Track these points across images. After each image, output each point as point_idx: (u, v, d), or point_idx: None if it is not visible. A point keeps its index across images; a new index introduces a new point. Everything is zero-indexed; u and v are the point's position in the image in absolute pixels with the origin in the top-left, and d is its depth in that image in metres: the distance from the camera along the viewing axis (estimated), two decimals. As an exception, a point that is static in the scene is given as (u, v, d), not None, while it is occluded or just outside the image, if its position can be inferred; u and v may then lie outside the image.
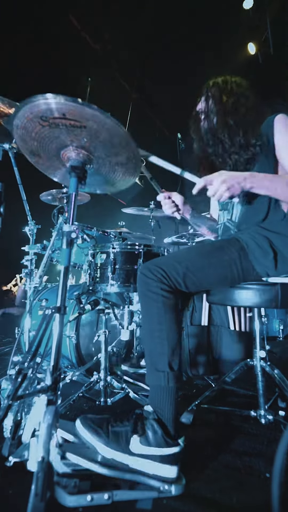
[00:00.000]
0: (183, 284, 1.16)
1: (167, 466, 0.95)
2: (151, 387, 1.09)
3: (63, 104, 0.91)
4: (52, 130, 1.01)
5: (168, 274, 1.14)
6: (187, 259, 1.19)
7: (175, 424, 1.04)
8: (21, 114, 0.96)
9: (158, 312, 1.11)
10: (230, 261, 1.20)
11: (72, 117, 0.95)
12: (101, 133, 1.01)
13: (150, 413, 1.03)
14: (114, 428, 1.02)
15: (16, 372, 0.96)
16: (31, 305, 1.92)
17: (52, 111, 0.93)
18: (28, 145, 1.09)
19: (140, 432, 1.00)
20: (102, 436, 1.00)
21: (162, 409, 1.04)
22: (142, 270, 1.17)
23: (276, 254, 1.20)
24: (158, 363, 1.08)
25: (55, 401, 0.88)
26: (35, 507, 0.74)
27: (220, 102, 1.35)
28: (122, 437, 1.00)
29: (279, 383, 1.38)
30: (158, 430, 0.99)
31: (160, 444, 0.97)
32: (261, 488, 0.96)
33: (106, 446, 0.98)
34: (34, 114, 0.95)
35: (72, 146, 1.07)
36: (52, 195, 2.49)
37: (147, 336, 1.14)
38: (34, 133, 1.03)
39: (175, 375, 1.07)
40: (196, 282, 1.18)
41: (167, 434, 1.00)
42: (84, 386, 1.62)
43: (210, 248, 1.25)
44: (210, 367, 2.01)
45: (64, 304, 0.97)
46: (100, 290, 1.73)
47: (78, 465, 0.95)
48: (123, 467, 0.96)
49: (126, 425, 1.03)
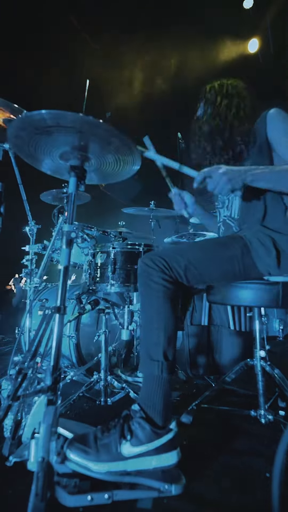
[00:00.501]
0: (184, 276, 1.16)
1: (164, 455, 0.95)
2: (144, 376, 1.09)
3: (56, 114, 0.92)
4: (48, 137, 1.01)
5: (170, 265, 1.14)
6: (190, 252, 1.19)
7: (165, 414, 1.03)
8: (14, 124, 0.97)
9: (158, 302, 1.11)
10: (232, 257, 1.21)
11: (66, 124, 0.96)
12: (97, 135, 1.01)
13: (136, 412, 1.02)
14: (102, 441, 0.98)
15: (16, 372, 0.97)
16: (31, 305, 1.92)
17: (46, 120, 0.94)
18: (24, 150, 1.10)
19: (128, 435, 0.98)
20: (91, 454, 0.95)
21: (152, 399, 1.03)
22: (144, 260, 1.17)
23: (279, 253, 1.20)
24: (153, 352, 1.08)
25: (55, 401, 0.88)
26: (36, 507, 0.74)
27: (214, 104, 1.37)
28: (112, 446, 0.97)
29: (279, 383, 1.38)
30: (145, 426, 0.98)
31: (151, 438, 0.97)
32: (261, 488, 0.96)
33: (97, 462, 0.94)
34: (27, 124, 0.97)
35: (69, 148, 1.07)
36: (52, 195, 2.49)
37: (145, 325, 1.14)
38: (30, 140, 1.04)
39: (169, 365, 1.07)
40: (197, 275, 1.18)
41: (155, 426, 0.99)
42: (84, 385, 1.62)
43: (213, 243, 1.27)
44: (210, 367, 2.01)
45: (64, 304, 0.97)
46: (100, 290, 1.73)
47: (78, 471, 0.94)
48: (122, 473, 0.95)
49: (113, 433, 1.00)
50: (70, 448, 0.96)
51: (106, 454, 0.96)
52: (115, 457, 0.95)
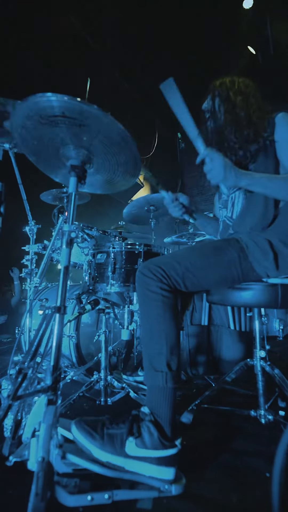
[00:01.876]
0: (182, 284, 1.16)
1: (163, 468, 0.94)
2: (148, 387, 1.08)
3: (63, 102, 0.91)
4: (51, 128, 1.01)
5: (167, 274, 1.13)
6: (187, 259, 1.18)
7: (173, 426, 1.02)
8: (21, 112, 0.96)
9: (157, 312, 1.10)
10: (229, 262, 1.20)
11: (71, 115, 0.95)
12: (100, 132, 1.01)
13: (146, 415, 1.02)
14: (109, 431, 1.00)
15: (16, 372, 0.97)
16: (31, 305, 1.92)
17: (52, 108, 0.93)
18: (28, 143, 1.09)
19: (136, 434, 0.98)
20: (96, 439, 0.97)
21: (159, 410, 1.02)
22: (141, 270, 1.16)
23: (276, 255, 1.19)
24: (156, 363, 1.07)
25: (55, 401, 0.88)
26: (36, 507, 0.74)
27: (228, 100, 1.34)
28: (117, 439, 0.98)
29: (279, 383, 1.38)
30: (154, 432, 0.97)
31: (156, 446, 0.96)
32: (261, 488, 0.96)
33: (101, 449, 0.96)
34: (34, 112, 0.96)
35: (72, 144, 1.07)
36: (52, 195, 2.49)
37: (145, 336, 1.13)
38: (34, 132, 1.03)
39: (173, 375, 1.06)
40: (196, 282, 1.18)
41: (163, 436, 0.98)
42: (85, 385, 1.62)
43: (209, 249, 1.25)
44: (210, 367, 2.01)
45: (64, 304, 0.97)
46: (100, 289, 1.73)
47: (79, 464, 0.95)
48: (120, 469, 0.95)
49: (122, 427, 1.01)
50: (77, 426, 0.98)
51: (110, 446, 0.97)
52: (117, 452, 0.96)
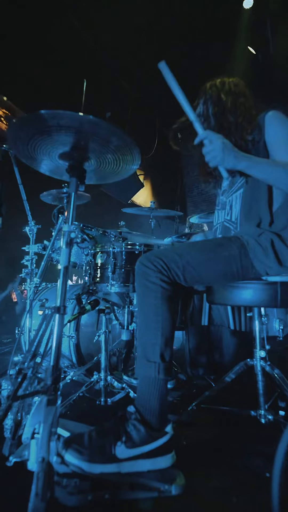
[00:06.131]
0: (182, 277, 1.16)
1: (158, 458, 0.95)
2: (140, 378, 1.07)
3: (56, 114, 0.92)
4: (47, 137, 1.02)
5: (168, 266, 1.13)
6: (188, 253, 1.19)
7: (162, 416, 1.02)
8: (14, 128, 0.98)
9: (156, 303, 1.10)
10: (230, 257, 1.20)
11: (66, 123, 0.96)
12: (97, 134, 1.01)
13: (132, 413, 1.02)
14: (97, 442, 0.97)
15: (16, 372, 0.96)
16: (31, 305, 1.92)
17: (46, 121, 0.94)
18: (23, 151, 1.10)
19: (123, 437, 0.97)
20: (85, 454, 0.94)
21: (148, 401, 1.02)
22: (141, 260, 1.16)
23: (277, 253, 1.20)
24: (150, 353, 1.07)
25: (55, 401, 0.88)
26: (36, 507, 0.74)
27: (219, 102, 1.35)
28: (106, 448, 0.96)
29: (279, 383, 1.38)
30: (140, 428, 0.97)
31: (145, 441, 0.96)
32: (261, 488, 0.96)
33: (90, 462, 0.93)
34: (29, 126, 0.97)
35: (69, 148, 1.07)
36: (52, 195, 2.49)
37: (141, 326, 1.13)
38: (29, 141, 1.04)
39: (165, 367, 1.06)
40: (196, 276, 1.18)
41: (151, 429, 0.98)
42: (85, 386, 1.62)
43: (211, 244, 1.26)
44: (210, 367, 2.01)
45: (64, 304, 0.97)
46: (100, 290, 1.73)
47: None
48: (116, 475, 0.94)
49: (108, 434, 0.99)
50: (65, 448, 0.95)
51: (99, 456, 0.94)
52: (109, 459, 0.94)
